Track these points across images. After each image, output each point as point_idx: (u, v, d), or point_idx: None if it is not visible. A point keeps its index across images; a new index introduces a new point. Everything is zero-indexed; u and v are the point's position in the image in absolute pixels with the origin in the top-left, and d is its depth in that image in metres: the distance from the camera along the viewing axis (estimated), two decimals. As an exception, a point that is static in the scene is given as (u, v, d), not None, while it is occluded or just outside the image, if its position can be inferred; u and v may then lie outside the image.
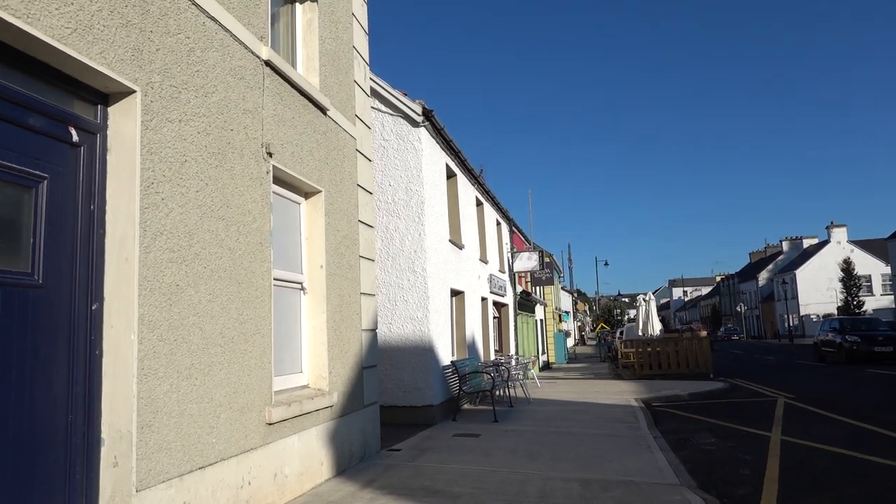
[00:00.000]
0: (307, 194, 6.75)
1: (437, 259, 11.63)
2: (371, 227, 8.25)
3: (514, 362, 17.68)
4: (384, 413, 10.83)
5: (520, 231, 25.20)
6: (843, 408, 11.99)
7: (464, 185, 14.76)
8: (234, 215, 4.94)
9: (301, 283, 6.55)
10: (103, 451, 3.66)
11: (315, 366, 6.54)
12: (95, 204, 3.79)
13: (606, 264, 65.86)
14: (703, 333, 20.98)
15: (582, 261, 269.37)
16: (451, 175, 14.00)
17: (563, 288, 56.09)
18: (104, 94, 3.89)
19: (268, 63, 5.64)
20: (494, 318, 19.14)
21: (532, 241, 27.79)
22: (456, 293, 13.74)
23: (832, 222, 63.04)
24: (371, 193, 8.37)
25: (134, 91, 3.91)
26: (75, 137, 3.68)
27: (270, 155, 5.60)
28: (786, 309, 56.49)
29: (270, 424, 5.26)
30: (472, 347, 14.30)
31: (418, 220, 11.10)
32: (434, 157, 12.09)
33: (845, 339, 23.53)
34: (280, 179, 6.08)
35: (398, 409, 10.82)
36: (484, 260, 16.52)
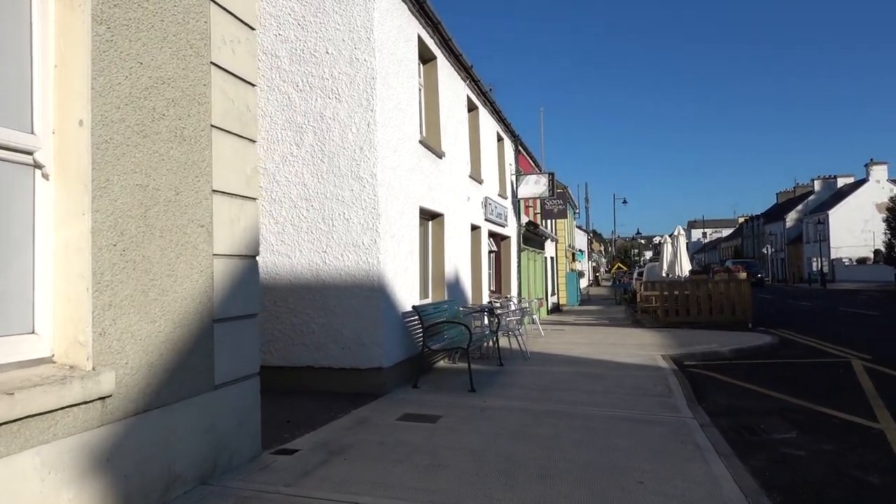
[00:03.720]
0: (53, -24, 3.36)
1: (395, 163, 8.24)
2: (250, 84, 4.88)
3: (513, 306, 14.51)
4: (315, 378, 7.71)
5: (528, 153, 21.60)
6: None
7: (448, 77, 11.21)
8: None
9: (30, 153, 3.24)
10: None
11: (67, 321, 3.30)
12: None
13: (625, 202, 62.40)
14: (743, 275, 17.63)
15: (598, 203, 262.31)
16: (428, 58, 10.44)
17: (577, 227, 52.61)
18: None
19: None
20: (491, 252, 15.86)
21: (542, 168, 24.20)
22: (431, 215, 10.40)
23: (872, 159, 58.21)
24: (253, 29, 4.96)
25: None
26: None
27: None
28: (818, 252, 52.65)
29: None
30: (453, 288, 11.07)
31: (366, 103, 7.66)
32: (397, 21, 8.54)
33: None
34: None
35: (334, 372, 7.68)
36: (477, 178, 13.10)
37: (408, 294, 8.63)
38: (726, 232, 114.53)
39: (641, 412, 6.76)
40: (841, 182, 65.67)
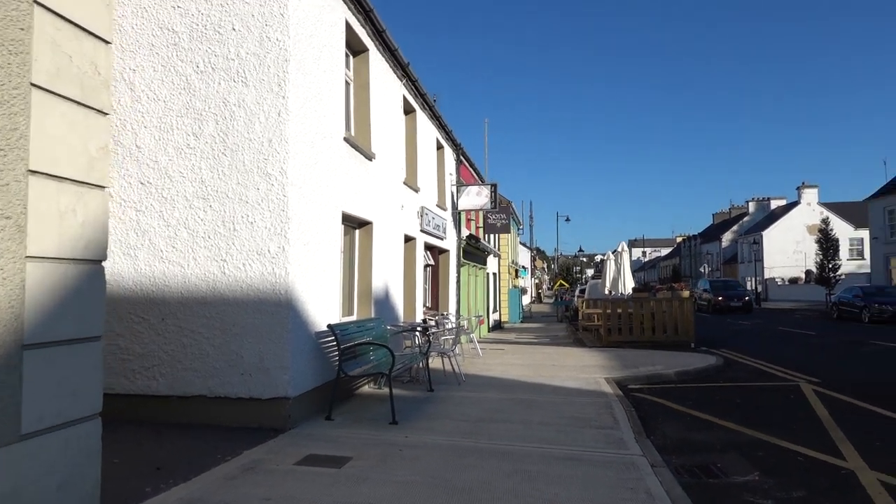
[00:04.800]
0: None
1: (312, 160, 7.21)
2: (101, 40, 3.79)
3: (449, 324, 13.59)
4: (207, 409, 6.55)
5: (470, 165, 20.84)
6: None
7: (382, 73, 10.26)
8: None
9: None
10: None
11: None
12: None
13: (567, 220, 62.63)
14: (686, 293, 17.23)
15: (541, 220, 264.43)
16: (359, 49, 9.48)
17: (521, 243, 52.32)
18: None
19: None
20: (427, 265, 14.91)
21: (486, 181, 23.48)
22: (358, 223, 9.39)
23: (803, 182, 60.17)
24: (107, -27, 3.88)
25: None
26: None
27: None
28: (753, 271, 53.87)
29: None
30: (382, 304, 10.04)
31: (277, 89, 6.62)
32: (319, 1, 7.55)
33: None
34: None
35: (231, 402, 6.54)
36: (412, 186, 12.16)
37: (325, 310, 7.57)
38: (665, 251, 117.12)
39: (585, 449, 5.91)
40: (774, 204, 67.75)
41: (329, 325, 7.14)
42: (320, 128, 7.47)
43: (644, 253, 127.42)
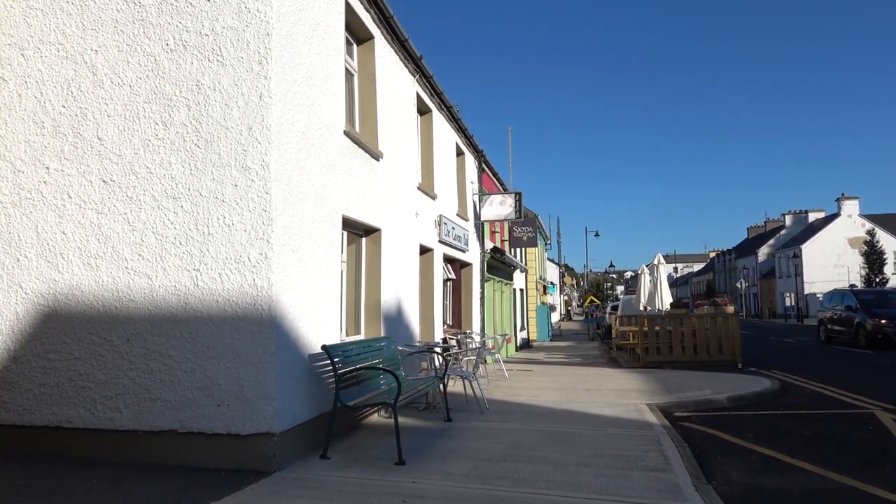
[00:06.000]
0: None
1: (302, 154, 6.20)
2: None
3: (473, 343, 12.46)
4: (178, 447, 5.51)
5: (493, 174, 19.77)
6: None
7: (391, 64, 9.28)
8: None
9: None
10: None
11: None
12: None
13: (597, 235, 61.08)
14: (731, 309, 15.86)
15: (569, 236, 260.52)
16: (363, 37, 8.51)
17: (549, 259, 50.97)
18: None
19: None
20: (448, 280, 13.81)
21: (510, 190, 22.36)
22: (364, 230, 8.35)
23: (843, 194, 57.81)
24: None
25: None
26: None
27: None
28: (791, 286, 51.64)
29: None
30: (394, 322, 8.96)
31: (258, 68, 5.64)
32: (313, -25, 6.59)
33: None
34: None
35: (205, 438, 5.49)
36: (429, 192, 11.11)
37: (322, 329, 6.51)
38: (697, 267, 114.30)
39: (633, 500, 4.72)
40: (812, 217, 65.29)
41: (324, 347, 6.07)
42: (314, 116, 6.47)
43: (675, 269, 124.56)
